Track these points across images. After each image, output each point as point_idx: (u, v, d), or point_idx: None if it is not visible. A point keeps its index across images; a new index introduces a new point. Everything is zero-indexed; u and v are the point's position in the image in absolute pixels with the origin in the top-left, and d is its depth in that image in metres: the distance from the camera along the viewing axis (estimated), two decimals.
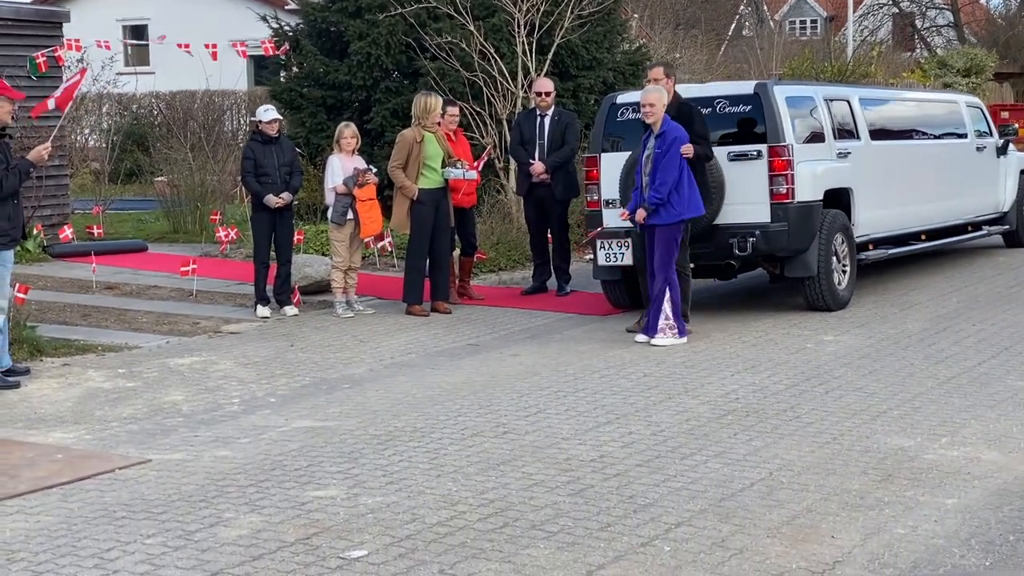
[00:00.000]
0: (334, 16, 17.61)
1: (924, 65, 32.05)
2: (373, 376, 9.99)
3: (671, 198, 10.68)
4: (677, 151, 10.73)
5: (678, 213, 10.77)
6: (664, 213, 10.73)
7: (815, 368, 9.73)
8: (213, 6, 34.36)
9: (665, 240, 10.77)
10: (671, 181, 10.69)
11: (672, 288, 10.78)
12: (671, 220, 10.75)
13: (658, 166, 10.69)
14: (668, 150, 10.71)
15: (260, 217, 12.69)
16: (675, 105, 11.16)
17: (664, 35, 32.17)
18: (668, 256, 10.80)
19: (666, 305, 10.76)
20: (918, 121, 15.03)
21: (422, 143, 12.47)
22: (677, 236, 10.84)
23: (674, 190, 10.69)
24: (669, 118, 10.89)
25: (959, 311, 12.16)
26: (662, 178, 10.68)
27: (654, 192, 10.70)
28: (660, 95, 10.94)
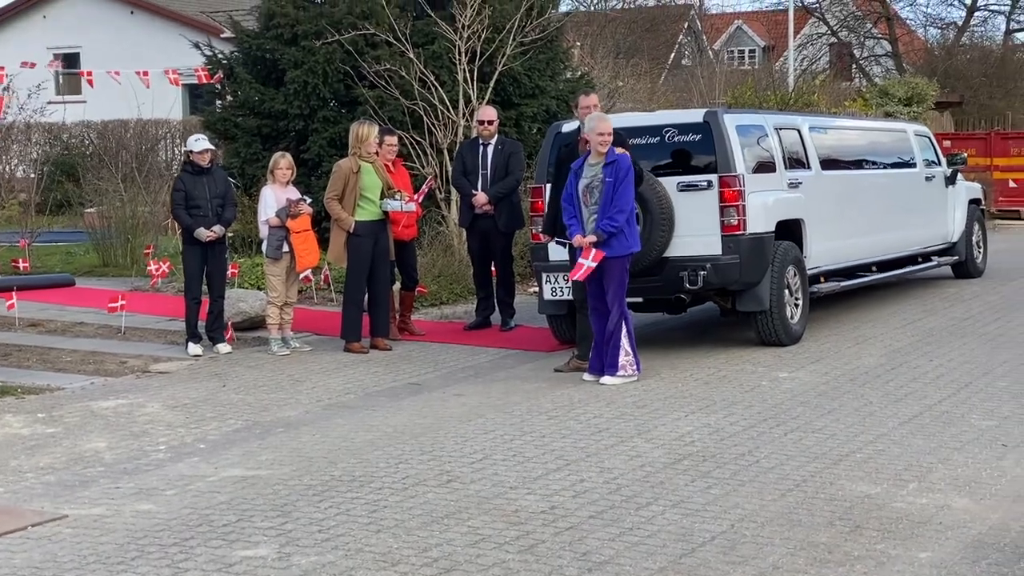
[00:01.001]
0: (269, 44, 17.11)
1: (866, 94, 32.02)
2: (309, 418, 9.48)
3: (625, 228, 10.29)
4: (632, 180, 10.34)
5: (629, 245, 10.38)
6: (616, 244, 10.31)
7: (772, 407, 9.33)
8: (148, 33, 33.78)
9: (617, 273, 10.36)
10: (628, 210, 10.31)
11: (627, 322, 10.37)
12: (622, 252, 10.35)
13: (611, 195, 10.29)
14: (624, 179, 10.31)
15: (191, 251, 12.16)
16: None
17: (606, 63, 31.89)
18: (620, 289, 10.40)
19: (624, 341, 10.35)
20: (867, 150, 14.77)
21: (359, 173, 12.01)
22: (626, 268, 10.44)
23: (626, 221, 10.30)
24: (613, 148, 10.51)
25: (914, 345, 11.84)
26: (620, 206, 10.28)
27: (609, 220, 10.26)
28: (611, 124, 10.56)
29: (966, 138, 29.37)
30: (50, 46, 34.61)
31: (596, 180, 10.38)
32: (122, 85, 22.02)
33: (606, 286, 10.34)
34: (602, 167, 10.35)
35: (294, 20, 16.91)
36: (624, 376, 10.34)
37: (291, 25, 16.92)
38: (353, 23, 16.39)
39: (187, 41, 18.35)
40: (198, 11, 33.67)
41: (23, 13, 36.28)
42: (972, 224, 16.63)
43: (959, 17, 47.87)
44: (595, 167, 10.42)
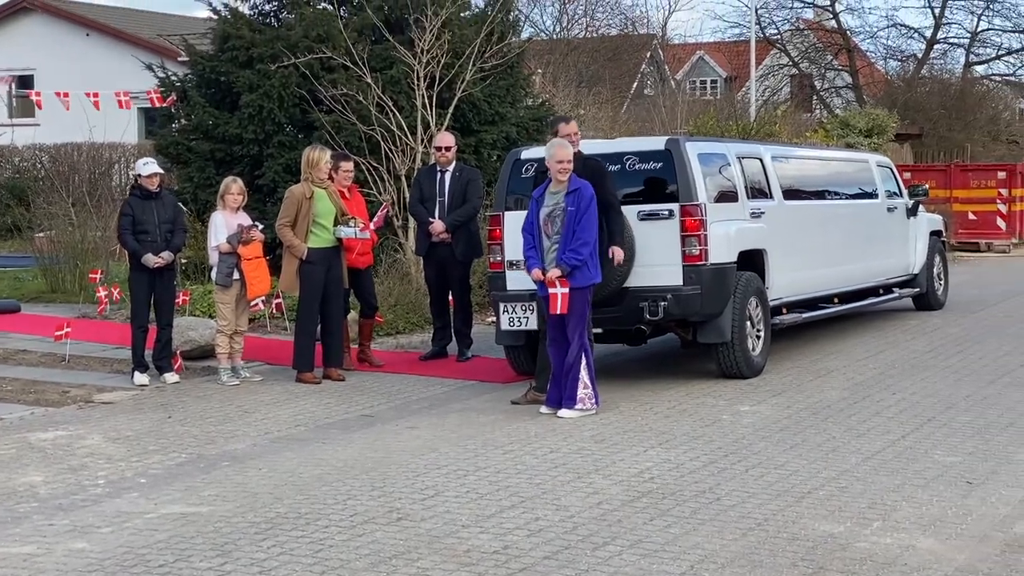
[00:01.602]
0: (224, 66, 16.81)
1: (827, 125, 32.02)
2: (256, 452, 9.16)
3: (588, 260, 10.05)
4: (595, 210, 10.10)
5: (591, 276, 10.13)
6: (579, 275, 10.06)
7: (733, 442, 9.09)
8: (104, 56, 33.31)
9: (579, 304, 10.09)
10: (592, 242, 10.06)
11: (587, 354, 10.12)
12: (585, 283, 10.10)
13: (574, 225, 10.05)
14: (587, 208, 10.07)
15: (138, 277, 11.83)
16: (579, 161, 10.55)
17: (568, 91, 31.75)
18: (582, 321, 10.14)
19: (583, 373, 10.10)
20: (829, 181, 14.62)
21: (312, 199, 11.72)
22: (587, 299, 10.19)
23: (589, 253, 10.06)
24: (575, 176, 10.28)
25: (876, 378, 11.64)
26: (584, 238, 10.03)
27: (573, 253, 10.02)
28: (572, 151, 10.34)
29: (926, 170, 29.40)
30: (3, 67, 34.16)
31: (558, 209, 10.14)
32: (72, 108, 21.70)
33: (566, 317, 10.09)
34: (564, 196, 10.11)
35: (249, 43, 16.63)
36: (582, 409, 10.09)
37: (246, 48, 16.64)
38: (309, 46, 16.12)
39: (143, 63, 17.97)
40: (155, 34, 33.30)
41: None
42: (933, 256, 16.51)
43: (919, 50, 48.14)
44: (556, 195, 10.19)
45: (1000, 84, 47.65)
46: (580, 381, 10.08)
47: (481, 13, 17.40)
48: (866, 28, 51.31)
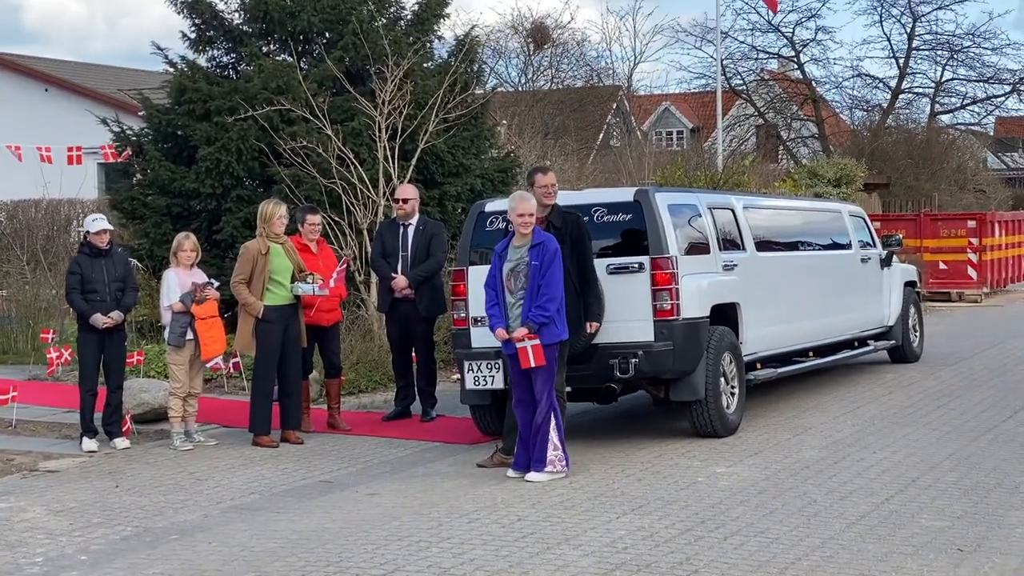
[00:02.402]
0: (180, 120, 16.38)
1: (795, 175, 31.81)
2: (207, 523, 8.66)
3: (555, 316, 9.62)
4: (560, 263, 9.69)
5: (558, 333, 9.70)
6: (546, 332, 9.64)
7: (709, 507, 8.65)
8: (63, 111, 32.75)
9: (547, 362, 9.66)
10: (559, 298, 9.65)
11: (557, 414, 9.68)
12: (552, 340, 9.67)
13: (539, 280, 9.63)
14: (552, 263, 9.67)
15: (87, 338, 11.33)
16: (559, 214, 10.17)
17: (533, 143, 31.45)
18: (550, 379, 9.70)
19: (552, 434, 9.65)
20: (802, 231, 14.27)
21: (268, 255, 11.27)
22: (555, 357, 9.74)
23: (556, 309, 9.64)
24: (539, 228, 9.87)
25: (856, 436, 11.24)
26: (549, 294, 9.62)
27: (540, 310, 9.61)
28: (535, 204, 9.93)
29: (896, 219, 29.18)
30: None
31: (521, 264, 9.73)
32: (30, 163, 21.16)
33: (534, 376, 9.66)
34: (528, 249, 9.71)
35: (207, 95, 16.21)
36: (552, 472, 9.64)
37: (203, 101, 16.21)
38: (268, 98, 15.70)
39: (97, 118, 17.50)
40: (115, 88, 32.80)
41: None
42: (908, 307, 16.17)
43: (884, 100, 48.11)
44: (520, 249, 9.79)
45: (966, 133, 47.69)
46: (550, 442, 9.63)
47: (444, 63, 17.04)
48: (831, 78, 51.10)
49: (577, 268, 10.04)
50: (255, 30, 17.05)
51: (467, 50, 17.07)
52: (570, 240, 10.05)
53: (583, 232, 10.13)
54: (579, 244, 10.06)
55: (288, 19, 16.70)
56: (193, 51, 17.21)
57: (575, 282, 10.05)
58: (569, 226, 10.10)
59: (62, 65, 36.76)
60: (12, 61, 35.26)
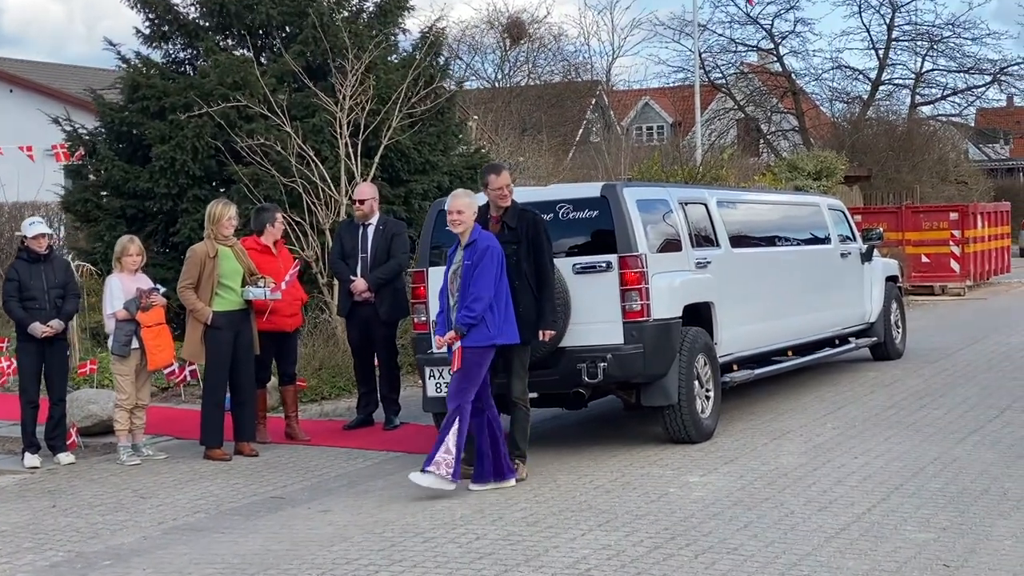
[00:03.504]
0: (134, 117, 15.78)
1: (775, 168, 31.32)
2: (145, 547, 8.10)
3: (485, 317, 9.07)
4: (492, 263, 9.14)
5: (490, 335, 9.13)
6: (474, 334, 9.10)
7: (681, 521, 8.12)
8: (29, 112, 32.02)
9: (468, 364, 9.11)
10: (486, 297, 9.08)
11: (463, 421, 9.11)
12: (481, 342, 9.12)
13: (468, 280, 9.11)
14: (481, 260, 9.14)
15: (26, 348, 10.77)
16: (515, 213, 9.62)
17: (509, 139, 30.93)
18: (466, 383, 9.14)
19: (450, 438, 9.05)
20: (780, 226, 13.76)
21: (216, 259, 10.71)
22: (483, 362, 9.17)
23: (488, 308, 9.08)
24: (479, 227, 9.38)
25: (836, 439, 10.72)
26: (475, 293, 9.10)
27: (465, 311, 9.11)
28: (471, 201, 9.42)
29: (877, 212, 28.70)
30: None
31: (459, 265, 9.24)
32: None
33: (458, 376, 9.13)
34: (462, 249, 9.21)
35: (161, 92, 15.62)
36: (435, 475, 9.01)
37: (157, 97, 15.62)
38: (225, 94, 15.11)
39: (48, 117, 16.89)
40: (82, 88, 32.15)
41: None
42: (890, 303, 15.68)
43: (864, 91, 47.72)
44: (460, 251, 9.31)
45: (946, 124, 47.31)
46: (444, 444, 9.05)
47: (409, 57, 16.47)
48: (811, 71, 50.57)
49: (533, 270, 9.49)
50: (212, 24, 16.47)
51: (432, 43, 16.49)
52: (526, 240, 9.50)
53: (539, 231, 9.57)
54: (535, 244, 9.51)
55: (245, 12, 16.12)
56: (148, 47, 16.63)
57: (531, 285, 9.51)
58: (525, 225, 9.55)
59: (28, 66, 36.02)
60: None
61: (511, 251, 9.44)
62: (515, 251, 9.45)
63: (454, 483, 9.05)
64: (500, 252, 9.17)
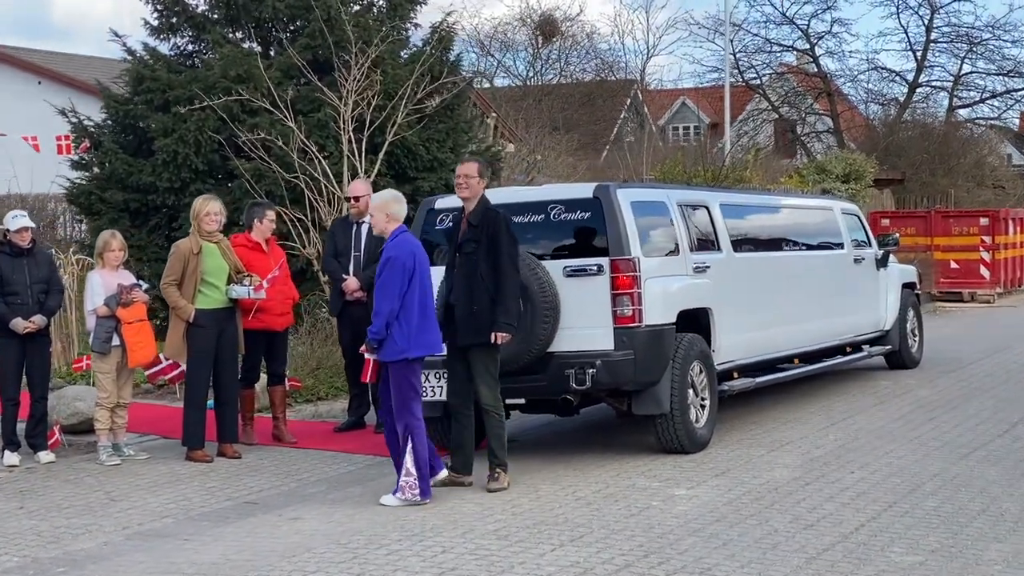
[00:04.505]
0: (138, 110, 15.58)
1: (803, 170, 30.82)
2: (103, 553, 7.85)
3: (392, 331, 8.77)
4: (393, 274, 8.81)
5: (400, 349, 8.82)
6: (386, 348, 8.83)
7: (657, 538, 7.79)
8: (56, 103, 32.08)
9: (397, 380, 8.87)
10: (386, 312, 8.78)
11: (415, 436, 8.83)
12: (392, 357, 8.84)
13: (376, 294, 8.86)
14: (381, 272, 8.89)
15: (7, 344, 10.51)
16: (480, 211, 9.30)
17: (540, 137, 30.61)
18: (402, 398, 8.87)
19: (407, 459, 8.79)
20: (788, 230, 13.37)
21: (200, 255, 10.46)
22: (409, 375, 8.89)
23: (397, 321, 8.77)
24: (402, 232, 9.03)
25: (836, 453, 10.36)
26: (379, 307, 8.83)
27: (372, 327, 8.86)
28: (382, 203, 9.11)
29: (906, 216, 28.19)
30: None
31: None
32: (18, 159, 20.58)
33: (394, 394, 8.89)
34: None
35: (165, 84, 15.40)
36: (403, 499, 8.80)
37: (162, 90, 15.41)
38: (228, 87, 14.88)
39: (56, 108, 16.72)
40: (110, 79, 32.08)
41: None
42: (907, 310, 15.26)
43: (901, 93, 47.04)
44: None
45: (985, 128, 46.57)
46: (404, 468, 8.80)
47: (418, 52, 16.18)
48: (846, 72, 49.94)
49: (490, 271, 9.16)
50: (220, 17, 16.25)
51: (442, 38, 16.19)
52: (486, 239, 9.18)
53: (499, 230, 9.17)
54: (493, 243, 9.13)
55: (253, 5, 15.89)
56: (155, 38, 16.42)
57: (488, 286, 9.18)
58: (487, 224, 9.21)
59: (56, 58, 36.02)
60: (4, 54, 34.57)
61: (471, 249, 9.17)
62: (475, 250, 9.16)
63: (425, 500, 8.82)
64: (404, 261, 8.79)
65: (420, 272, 8.85)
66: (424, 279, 8.89)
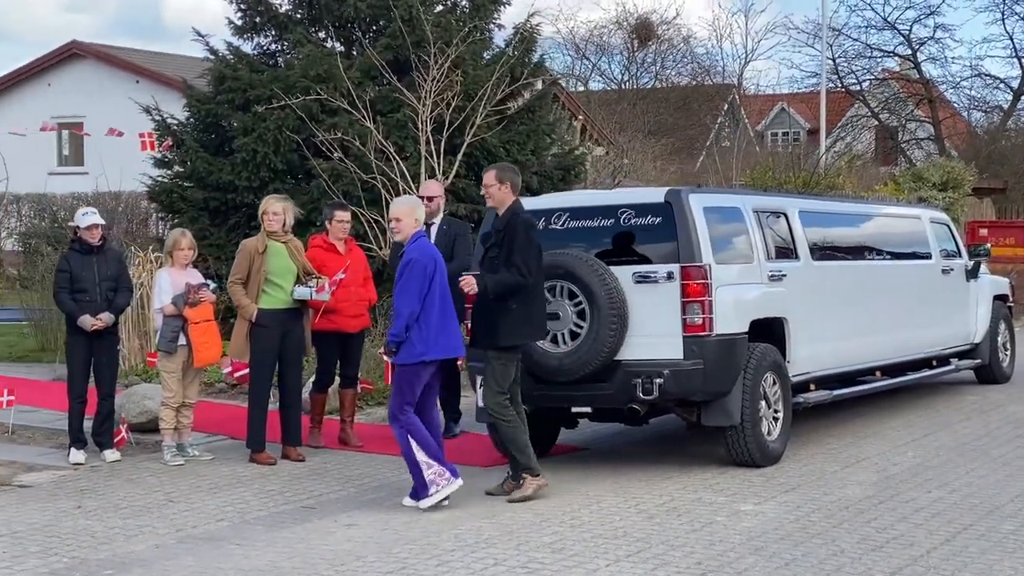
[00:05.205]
0: (220, 108, 15.60)
1: (899, 178, 30.15)
2: (153, 556, 7.77)
3: (412, 334, 8.72)
4: (413, 277, 8.76)
5: (419, 352, 8.77)
6: (403, 350, 8.79)
7: (717, 555, 7.52)
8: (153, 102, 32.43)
9: (398, 381, 8.90)
10: (407, 314, 8.75)
11: (413, 432, 8.78)
12: (409, 360, 8.79)
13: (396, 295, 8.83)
14: (400, 276, 8.86)
15: (76, 341, 10.54)
16: (508, 217, 9.14)
17: (633, 142, 30.33)
18: (399, 400, 8.85)
19: (420, 455, 8.76)
20: (872, 238, 12.95)
21: (265, 254, 10.38)
22: (414, 379, 8.83)
23: (416, 324, 8.72)
24: (421, 237, 9.05)
25: (913, 470, 9.99)
26: (398, 309, 8.80)
27: (391, 330, 8.85)
28: (411, 208, 9.14)
29: (1006, 226, 27.43)
30: (55, 115, 33.39)
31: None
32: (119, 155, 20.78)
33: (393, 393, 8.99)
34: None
35: (246, 84, 15.41)
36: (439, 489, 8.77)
37: (243, 89, 15.41)
38: (307, 87, 14.83)
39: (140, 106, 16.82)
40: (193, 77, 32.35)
41: (28, 80, 35.17)
42: (998, 323, 14.74)
43: (1005, 100, 45.97)
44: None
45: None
46: (420, 464, 8.77)
47: (500, 53, 16.01)
48: (949, 78, 48.86)
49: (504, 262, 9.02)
50: (303, 16, 16.22)
51: (523, 39, 16.01)
52: (506, 245, 9.06)
53: (515, 232, 9.00)
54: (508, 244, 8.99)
55: (335, 5, 15.84)
56: (239, 38, 16.45)
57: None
58: (508, 230, 9.08)
59: (154, 57, 36.43)
60: (104, 53, 35.07)
61: (494, 254, 9.11)
62: (497, 255, 9.07)
63: (457, 479, 8.84)
64: (425, 264, 8.79)
65: (439, 275, 8.88)
66: (443, 282, 8.92)
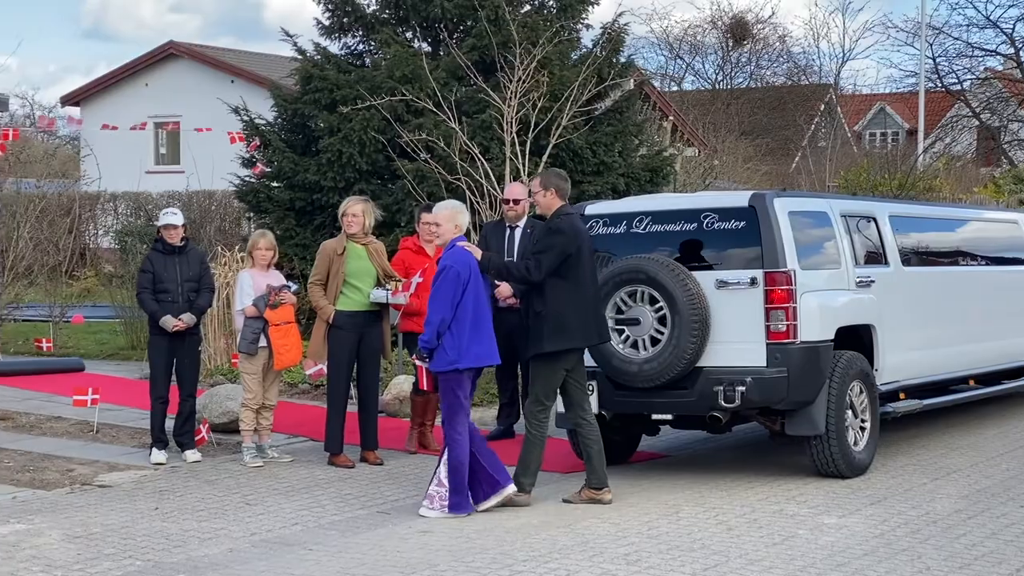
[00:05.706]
0: (306, 108, 15.63)
1: (999, 180, 29.45)
2: (226, 560, 7.74)
3: (444, 341, 8.69)
4: (446, 284, 8.73)
5: (451, 360, 8.74)
6: (437, 357, 8.78)
7: (797, 570, 7.31)
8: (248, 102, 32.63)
9: (444, 391, 8.89)
10: (437, 321, 8.73)
11: (453, 448, 8.72)
12: (442, 367, 8.77)
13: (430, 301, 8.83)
14: (435, 282, 8.83)
15: (158, 342, 10.60)
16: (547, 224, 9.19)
17: (726, 142, 29.98)
18: (449, 409, 8.83)
19: (441, 469, 8.75)
20: (965, 243, 12.62)
21: (344, 256, 10.33)
22: (455, 387, 8.79)
23: (448, 331, 8.70)
24: (456, 243, 9.01)
25: (1006, 484, 9.67)
26: (430, 316, 8.78)
27: (423, 336, 8.83)
28: (453, 213, 9.08)
29: None
30: (151, 114, 33.88)
31: None
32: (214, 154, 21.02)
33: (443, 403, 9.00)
34: None
35: (333, 84, 15.41)
36: (432, 509, 8.73)
37: (329, 90, 15.42)
38: (393, 88, 14.79)
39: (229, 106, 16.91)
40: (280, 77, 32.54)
41: (126, 81, 35.69)
42: None
43: None
44: None
45: None
46: (436, 477, 8.78)
47: (587, 53, 15.86)
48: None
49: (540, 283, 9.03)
50: (390, 16, 16.20)
51: (611, 39, 15.84)
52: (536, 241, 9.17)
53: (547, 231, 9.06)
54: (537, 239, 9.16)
55: (422, 5, 15.80)
56: (326, 38, 16.48)
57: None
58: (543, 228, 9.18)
59: (249, 57, 36.77)
60: (200, 53, 35.47)
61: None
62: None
63: (460, 514, 8.70)
64: (459, 272, 8.73)
65: (474, 283, 8.82)
66: (478, 290, 8.87)
